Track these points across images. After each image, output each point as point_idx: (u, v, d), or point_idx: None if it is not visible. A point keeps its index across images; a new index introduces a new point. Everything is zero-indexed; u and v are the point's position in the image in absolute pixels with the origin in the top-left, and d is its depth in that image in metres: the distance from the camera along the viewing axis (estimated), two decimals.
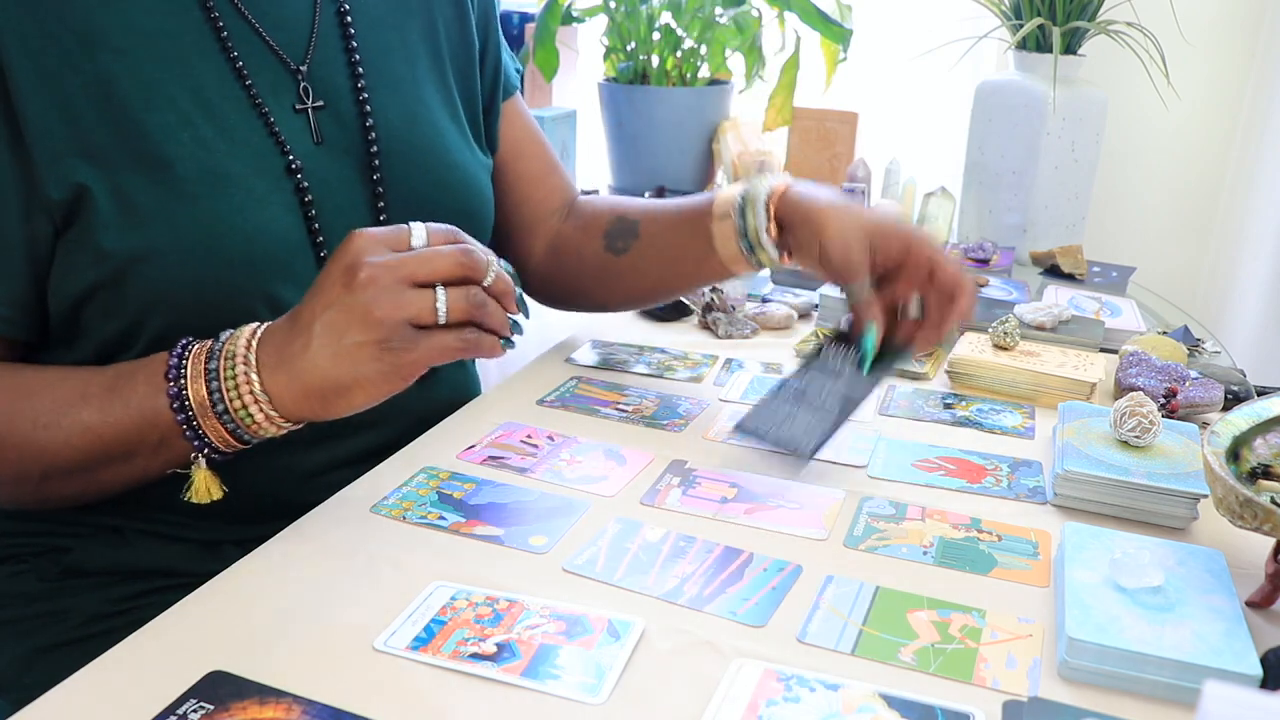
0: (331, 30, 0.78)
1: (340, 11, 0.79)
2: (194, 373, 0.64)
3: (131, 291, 0.68)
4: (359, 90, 0.78)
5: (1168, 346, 0.99)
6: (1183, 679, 0.54)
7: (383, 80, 0.80)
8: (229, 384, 0.63)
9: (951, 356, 0.96)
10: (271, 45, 0.74)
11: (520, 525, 0.69)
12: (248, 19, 0.74)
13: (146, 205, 0.67)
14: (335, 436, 0.78)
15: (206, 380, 0.64)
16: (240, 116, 0.72)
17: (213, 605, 0.59)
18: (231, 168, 0.70)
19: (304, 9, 0.77)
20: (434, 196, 0.81)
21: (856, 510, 0.72)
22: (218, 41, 0.72)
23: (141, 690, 0.52)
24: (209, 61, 0.71)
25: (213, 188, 0.69)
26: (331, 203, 0.75)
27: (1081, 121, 1.40)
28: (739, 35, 1.70)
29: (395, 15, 0.83)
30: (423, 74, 0.84)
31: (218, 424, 0.64)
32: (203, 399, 0.64)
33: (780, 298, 1.16)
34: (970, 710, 0.52)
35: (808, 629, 0.59)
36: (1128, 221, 1.82)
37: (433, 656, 0.55)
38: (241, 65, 0.72)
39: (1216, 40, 1.70)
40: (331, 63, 0.78)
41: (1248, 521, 0.60)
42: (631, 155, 1.73)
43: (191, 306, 0.69)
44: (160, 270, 0.68)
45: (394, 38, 0.82)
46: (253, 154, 0.71)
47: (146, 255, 0.67)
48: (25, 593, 0.76)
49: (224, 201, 0.69)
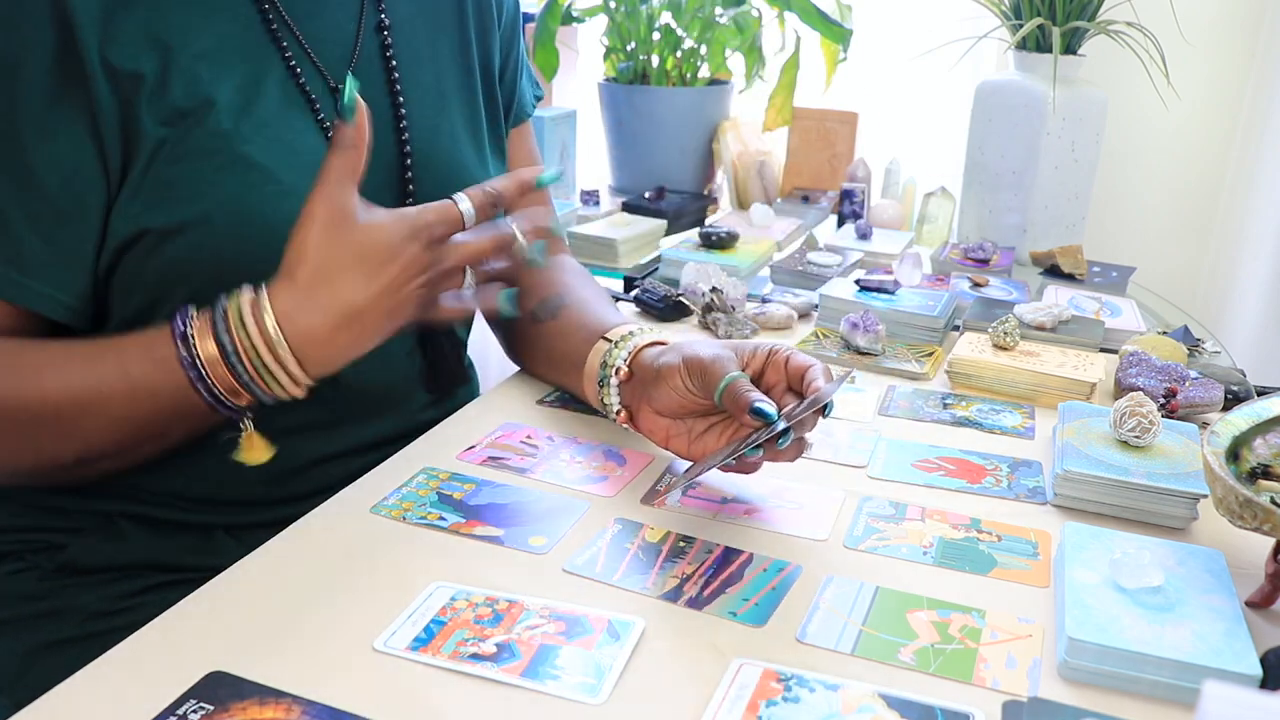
0: (373, 50, 0.81)
1: (382, 30, 0.81)
2: (200, 333, 0.65)
3: (158, 264, 0.70)
4: (397, 107, 0.81)
5: (1167, 346, 0.99)
6: (1182, 679, 0.54)
7: (414, 94, 0.82)
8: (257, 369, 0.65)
9: (951, 356, 0.96)
10: (315, 62, 0.77)
11: (520, 525, 0.69)
12: (295, 33, 0.76)
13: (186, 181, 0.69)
14: (325, 426, 0.79)
15: (215, 336, 0.65)
16: (286, 117, 0.74)
17: (213, 605, 0.59)
18: (268, 160, 0.72)
19: (347, 28, 0.79)
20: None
21: (856, 510, 0.72)
22: (276, 50, 0.74)
23: (141, 690, 0.52)
24: (264, 66, 0.74)
25: (245, 175, 0.71)
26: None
27: (1081, 121, 1.40)
28: (739, 35, 1.70)
29: (430, 29, 0.85)
30: (450, 88, 0.86)
31: (230, 377, 0.65)
32: (213, 355, 0.65)
33: (780, 298, 1.16)
34: (970, 710, 0.53)
35: (807, 629, 0.59)
36: (1128, 221, 1.82)
37: (432, 657, 0.55)
38: (300, 72, 0.75)
39: (1216, 40, 1.70)
40: (372, 81, 0.80)
41: (1247, 521, 0.60)
42: (631, 155, 1.73)
43: (211, 286, 0.69)
44: (186, 245, 0.69)
45: (427, 51, 0.84)
46: (288, 150, 0.73)
47: (182, 228, 0.69)
48: (23, 592, 0.76)
49: (256, 191, 0.71)
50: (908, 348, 1.04)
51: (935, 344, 1.06)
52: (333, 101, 0.77)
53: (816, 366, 0.70)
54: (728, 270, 1.21)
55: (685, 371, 0.71)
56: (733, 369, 0.69)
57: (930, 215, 1.51)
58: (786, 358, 0.71)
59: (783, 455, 0.68)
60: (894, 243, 1.40)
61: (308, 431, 0.78)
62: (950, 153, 1.71)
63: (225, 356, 0.65)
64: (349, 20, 0.80)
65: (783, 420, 0.66)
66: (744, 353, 0.72)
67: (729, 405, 0.68)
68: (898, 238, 1.43)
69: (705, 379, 0.70)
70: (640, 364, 0.76)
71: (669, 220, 1.48)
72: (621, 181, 1.76)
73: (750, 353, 0.72)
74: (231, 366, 0.65)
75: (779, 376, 0.71)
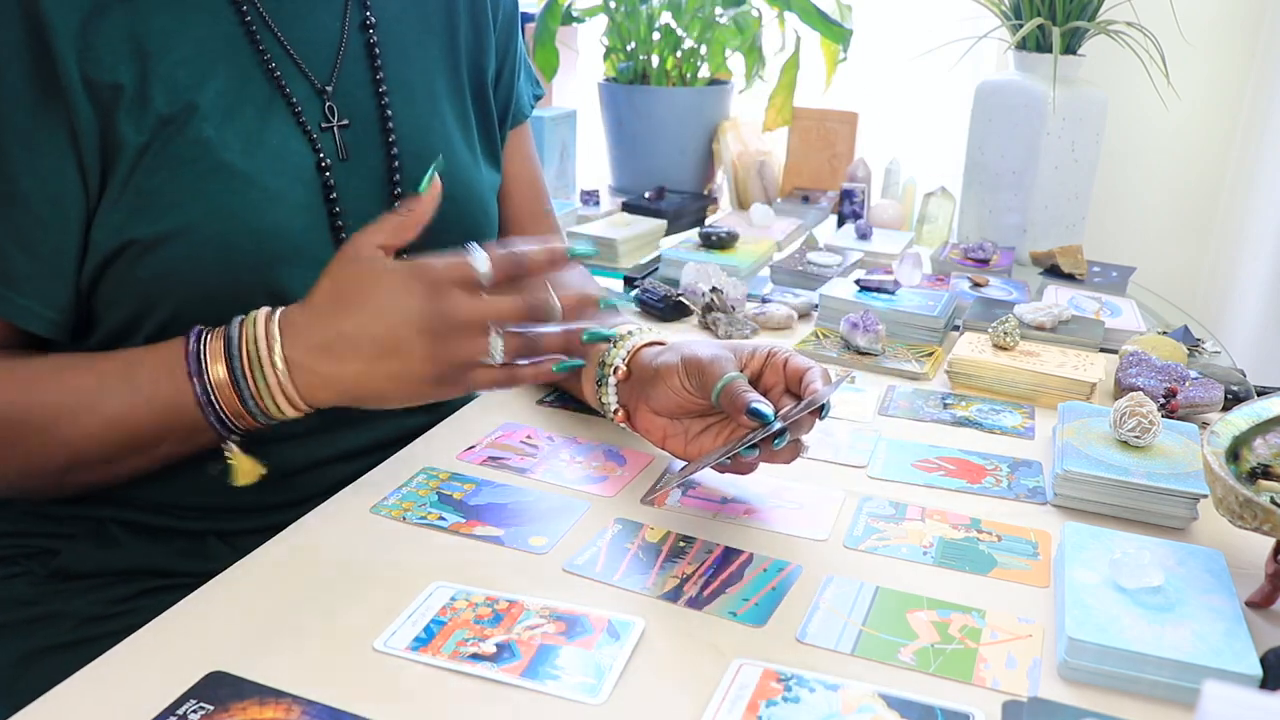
0: (358, 48, 0.80)
1: (367, 28, 0.80)
2: (213, 356, 0.65)
3: (142, 274, 0.69)
4: (383, 107, 0.80)
5: (1167, 346, 0.99)
6: (1182, 679, 0.54)
7: (403, 93, 0.82)
8: (254, 370, 0.65)
9: (951, 357, 0.97)
10: (299, 64, 0.76)
11: (520, 525, 0.69)
12: (277, 35, 0.75)
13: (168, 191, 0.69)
14: (317, 431, 0.78)
15: (227, 361, 0.65)
16: (269, 121, 0.73)
17: (213, 605, 0.59)
18: (251, 166, 0.71)
19: (332, 27, 0.79)
20: (443, 209, 0.82)
21: (856, 510, 0.72)
22: (256, 54, 0.74)
23: (141, 690, 0.52)
24: (245, 71, 0.73)
25: (229, 182, 0.70)
26: (351, 210, 0.77)
27: (1081, 121, 1.40)
28: (739, 35, 1.70)
29: (418, 30, 0.84)
30: (440, 89, 0.85)
31: (238, 403, 0.65)
32: (222, 379, 0.65)
33: (780, 298, 1.16)
34: (970, 710, 0.53)
35: (807, 629, 0.59)
36: (1128, 221, 1.82)
37: (433, 657, 0.55)
38: (280, 76, 0.74)
39: (1216, 40, 1.70)
40: (357, 81, 0.79)
41: (1247, 521, 0.60)
42: (631, 155, 1.73)
43: (198, 296, 0.70)
44: (171, 256, 0.69)
45: (415, 51, 0.84)
46: (272, 155, 0.72)
47: (166, 238, 0.69)
48: (17, 597, 0.76)
49: (239, 197, 0.70)
50: (908, 348, 1.04)
51: (935, 344, 1.06)
52: (319, 103, 0.76)
53: (815, 369, 0.70)
54: (728, 270, 1.21)
55: (683, 371, 0.71)
56: (731, 369, 0.69)
57: (930, 215, 1.51)
58: (785, 360, 0.71)
59: (779, 457, 0.68)
60: (894, 243, 1.40)
61: (300, 437, 0.77)
62: (950, 153, 1.71)
63: (231, 363, 0.65)
64: (333, 19, 0.79)
65: (779, 421, 0.66)
66: (742, 354, 0.72)
67: (726, 405, 0.68)
68: (898, 238, 1.43)
69: (703, 379, 0.70)
70: (638, 363, 0.76)
71: (669, 220, 1.48)
72: (621, 181, 1.76)
73: (749, 354, 0.72)
74: (234, 376, 0.65)
75: (777, 378, 0.71)
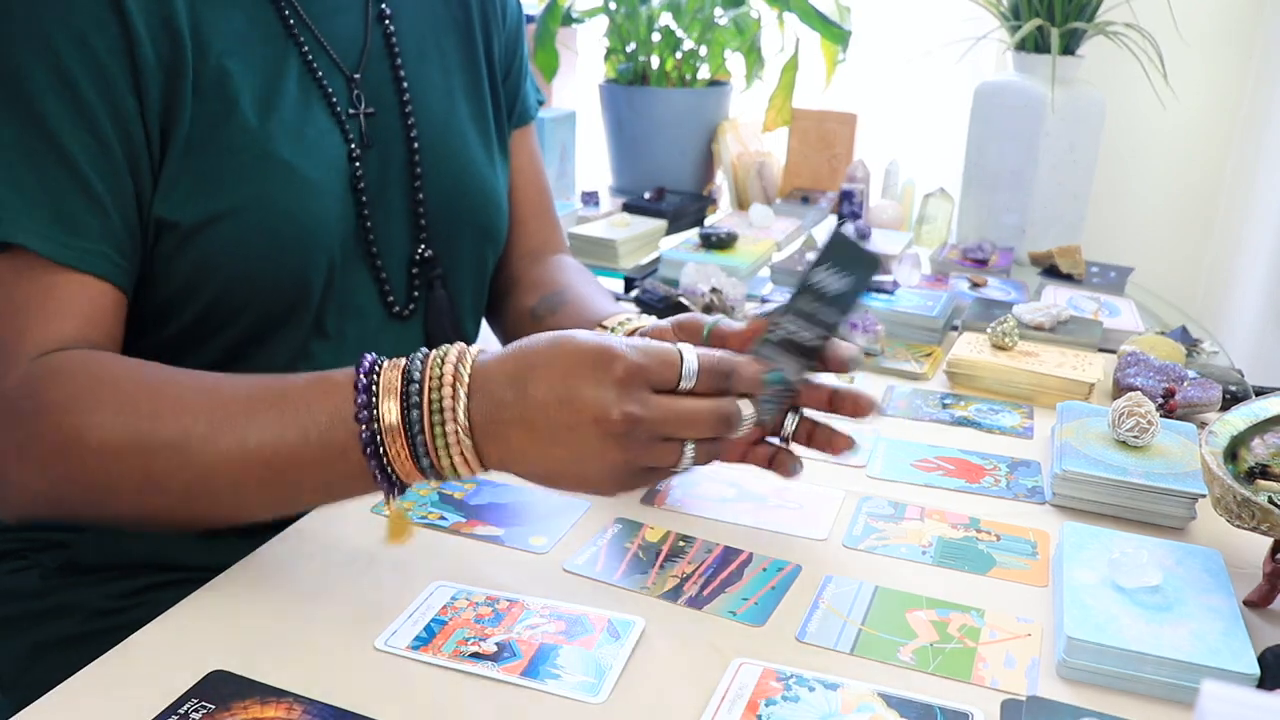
0: (379, 43, 0.82)
1: (385, 23, 0.82)
2: (386, 393, 0.59)
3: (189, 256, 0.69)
4: (403, 98, 0.81)
5: (1166, 346, 0.99)
6: (1181, 678, 0.54)
7: (421, 87, 0.83)
8: (436, 427, 0.58)
9: (950, 357, 0.97)
10: (332, 55, 0.78)
11: (520, 525, 0.69)
12: (313, 30, 0.77)
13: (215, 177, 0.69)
14: None
15: (404, 412, 0.58)
16: (307, 111, 0.75)
17: (213, 605, 0.60)
18: (294, 156, 0.72)
19: (356, 24, 0.81)
20: (459, 204, 0.85)
21: (856, 510, 0.73)
22: (295, 47, 0.75)
23: (143, 690, 0.52)
24: (284, 62, 0.74)
25: (274, 171, 0.71)
26: (377, 200, 0.79)
27: (1080, 122, 1.40)
28: (739, 36, 1.70)
29: (435, 29, 0.86)
30: (457, 85, 0.87)
31: (407, 453, 0.58)
32: (395, 425, 0.58)
33: (780, 298, 1.16)
34: (969, 709, 0.53)
35: (807, 629, 0.59)
36: (1126, 222, 1.82)
37: (433, 656, 0.55)
38: (317, 68, 0.76)
39: (1215, 41, 1.71)
40: (379, 73, 0.81)
41: (1245, 521, 0.60)
42: (631, 156, 1.73)
43: (239, 281, 0.70)
44: (217, 241, 0.69)
45: (433, 47, 0.85)
46: (310, 147, 0.74)
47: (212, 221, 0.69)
48: (27, 589, 0.76)
49: (284, 186, 0.71)
50: (907, 348, 1.04)
51: (934, 344, 1.06)
52: (347, 92, 0.78)
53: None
54: (727, 270, 1.21)
55: (674, 332, 0.70)
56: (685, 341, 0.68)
57: (929, 216, 1.51)
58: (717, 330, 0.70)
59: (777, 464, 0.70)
60: (893, 243, 1.40)
61: None
62: (949, 153, 1.71)
63: (406, 405, 0.58)
64: (357, 14, 0.81)
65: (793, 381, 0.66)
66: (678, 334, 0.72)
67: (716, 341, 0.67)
68: (897, 238, 1.43)
69: (690, 329, 0.70)
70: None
71: (669, 221, 1.49)
72: (621, 182, 1.76)
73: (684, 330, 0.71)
74: (408, 416, 0.58)
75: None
